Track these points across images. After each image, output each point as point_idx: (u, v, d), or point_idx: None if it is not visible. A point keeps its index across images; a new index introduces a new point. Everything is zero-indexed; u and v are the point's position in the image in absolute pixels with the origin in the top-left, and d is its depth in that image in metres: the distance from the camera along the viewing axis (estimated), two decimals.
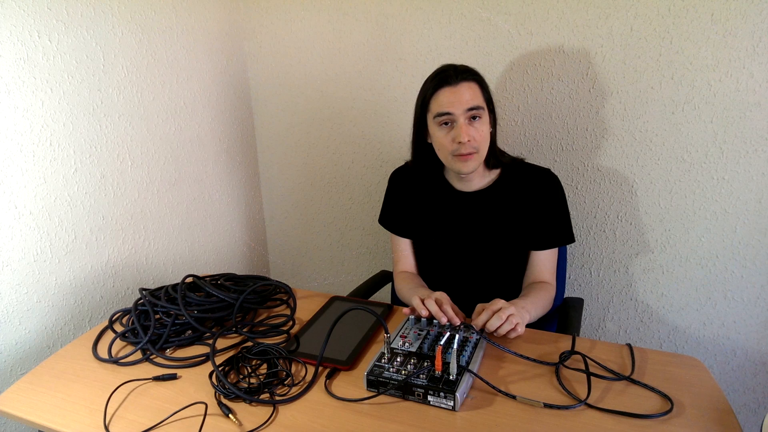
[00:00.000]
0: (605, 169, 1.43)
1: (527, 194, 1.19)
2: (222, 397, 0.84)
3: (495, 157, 1.19)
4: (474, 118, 1.10)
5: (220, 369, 0.89)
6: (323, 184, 1.82)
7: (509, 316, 0.95)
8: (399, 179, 1.33)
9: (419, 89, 1.32)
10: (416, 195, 1.28)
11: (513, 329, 0.97)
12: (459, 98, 1.08)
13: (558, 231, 1.21)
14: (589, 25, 1.32)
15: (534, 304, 1.08)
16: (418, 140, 1.21)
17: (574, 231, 1.25)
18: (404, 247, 1.33)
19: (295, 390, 0.86)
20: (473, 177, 1.20)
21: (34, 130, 1.15)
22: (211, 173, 1.68)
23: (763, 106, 1.24)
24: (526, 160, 1.24)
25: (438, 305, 1.00)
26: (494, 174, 1.22)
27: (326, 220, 1.87)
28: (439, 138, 1.13)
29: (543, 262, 1.20)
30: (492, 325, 0.95)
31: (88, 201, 1.28)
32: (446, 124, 1.11)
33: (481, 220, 1.21)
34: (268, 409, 0.82)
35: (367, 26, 1.56)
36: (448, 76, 1.10)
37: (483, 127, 1.11)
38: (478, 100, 1.10)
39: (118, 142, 1.34)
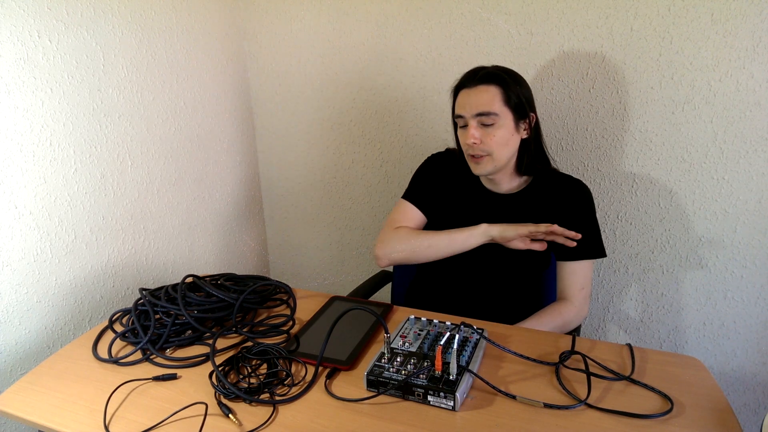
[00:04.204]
0: (605, 169, 1.43)
1: (556, 202, 1.17)
2: (222, 397, 0.84)
3: (530, 163, 1.16)
4: (486, 122, 1.09)
5: (220, 369, 0.89)
6: (323, 184, 1.82)
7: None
8: (435, 163, 1.31)
9: (420, 90, 1.31)
10: (447, 182, 1.27)
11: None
12: (471, 102, 1.10)
13: (585, 243, 1.14)
14: (589, 25, 1.32)
15: (536, 326, 1.10)
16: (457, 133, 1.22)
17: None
18: (414, 215, 1.25)
19: (295, 390, 0.86)
20: (500, 179, 1.19)
21: (34, 130, 1.15)
22: (211, 173, 1.68)
23: (763, 106, 1.24)
24: (560, 170, 1.22)
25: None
26: (525, 179, 1.21)
27: (326, 220, 1.87)
28: (459, 137, 1.17)
29: (569, 275, 1.16)
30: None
31: (88, 201, 1.28)
32: (463, 126, 1.14)
33: (505, 221, 1.19)
34: (268, 409, 0.81)
35: (367, 26, 1.56)
36: (469, 78, 1.12)
37: (497, 131, 1.09)
38: (492, 105, 1.08)
39: (118, 142, 1.34)
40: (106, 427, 0.79)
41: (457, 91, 1.16)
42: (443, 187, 1.27)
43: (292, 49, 1.69)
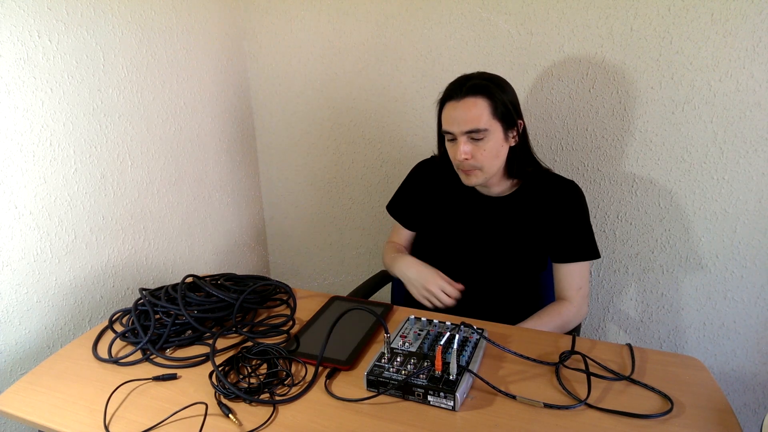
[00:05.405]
0: (605, 169, 1.43)
1: (547, 204, 1.17)
2: (222, 397, 0.84)
3: (519, 167, 1.16)
4: (476, 137, 1.08)
5: (220, 369, 0.89)
6: (323, 184, 1.82)
7: None
8: (422, 171, 1.32)
9: (420, 90, 1.30)
10: (437, 189, 1.27)
11: None
12: (458, 117, 1.07)
13: (578, 245, 1.16)
14: (589, 25, 1.32)
15: (536, 326, 1.10)
16: (441, 142, 1.20)
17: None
18: (404, 237, 1.38)
19: (295, 390, 0.86)
20: (491, 184, 1.18)
21: (34, 130, 1.15)
22: (211, 173, 1.68)
23: (763, 106, 1.24)
24: (553, 171, 1.22)
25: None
26: (515, 181, 1.20)
27: (326, 220, 1.87)
28: (447, 149, 1.16)
29: (564, 276, 1.17)
30: None
31: (88, 201, 1.28)
32: (452, 139, 1.12)
33: (497, 224, 1.20)
34: (268, 409, 0.81)
35: (367, 26, 1.56)
36: (456, 90, 1.09)
37: (487, 145, 1.08)
38: (481, 120, 1.06)
39: (118, 142, 1.34)
40: (106, 427, 0.79)
41: (443, 103, 1.12)
42: (433, 194, 1.28)
43: (292, 49, 1.69)
